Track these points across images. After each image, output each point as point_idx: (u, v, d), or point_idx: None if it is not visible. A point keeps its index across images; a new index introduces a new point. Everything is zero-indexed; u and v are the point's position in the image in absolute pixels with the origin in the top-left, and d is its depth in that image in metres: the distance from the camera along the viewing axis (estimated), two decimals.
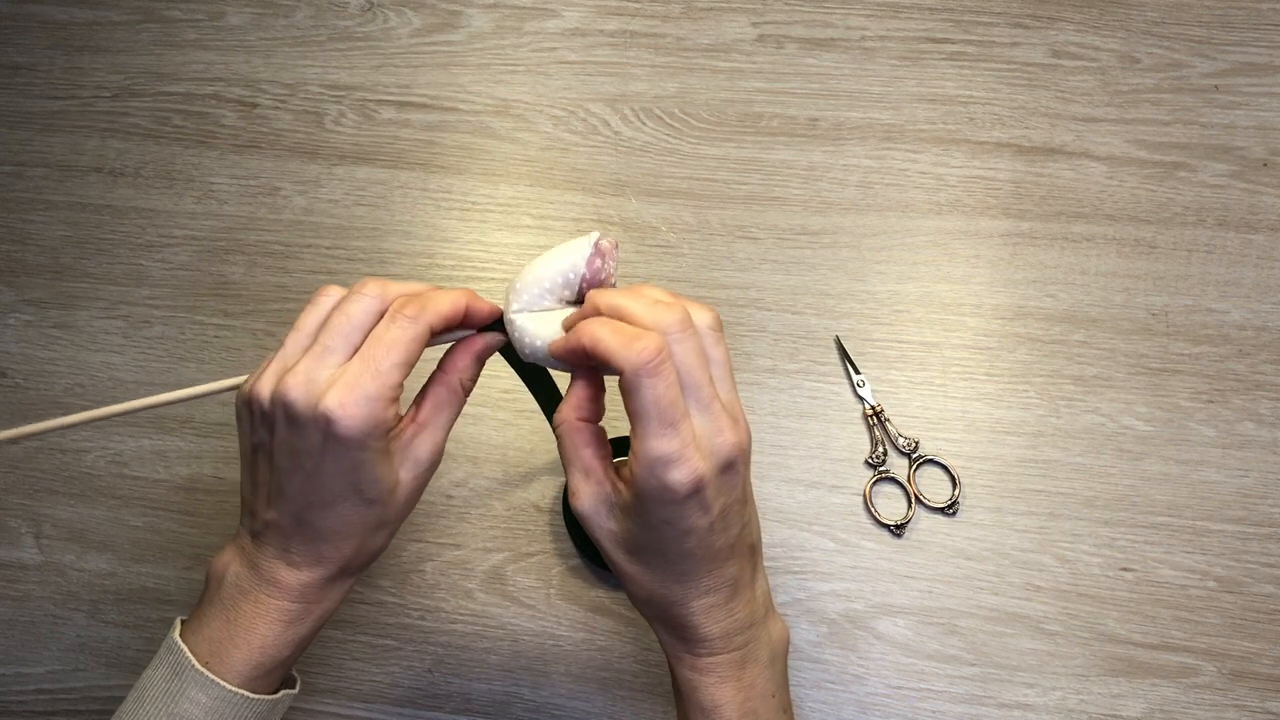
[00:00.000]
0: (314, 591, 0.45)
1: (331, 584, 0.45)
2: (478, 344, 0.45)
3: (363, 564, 0.46)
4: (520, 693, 0.61)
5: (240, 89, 0.76)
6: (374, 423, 0.40)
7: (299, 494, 0.42)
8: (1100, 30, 0.74)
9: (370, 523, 0.44)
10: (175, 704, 0.43)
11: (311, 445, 0.41)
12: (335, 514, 0.43)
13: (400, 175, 0.72)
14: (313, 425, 0.40)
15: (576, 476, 0.43)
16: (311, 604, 0.45)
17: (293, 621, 0.44)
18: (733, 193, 0.71)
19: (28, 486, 0.66)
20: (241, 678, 0.44)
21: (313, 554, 0.44)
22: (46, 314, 0.70)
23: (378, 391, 0.40)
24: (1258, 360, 0.65)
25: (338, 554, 0.44)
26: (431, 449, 0.45)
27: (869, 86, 0.73)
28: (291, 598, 0.44)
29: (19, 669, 0.63)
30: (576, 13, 0.76)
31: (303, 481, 0.42)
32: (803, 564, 0.62)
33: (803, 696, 0.60)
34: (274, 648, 0.44)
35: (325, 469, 0.41)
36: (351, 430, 0.40)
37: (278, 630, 0.44)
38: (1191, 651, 0.60)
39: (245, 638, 0.44)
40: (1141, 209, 0.69)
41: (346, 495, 0.42)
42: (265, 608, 0.44)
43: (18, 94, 0.77)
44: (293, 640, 0.45)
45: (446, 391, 0.45)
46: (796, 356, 0.66)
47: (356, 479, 0.42)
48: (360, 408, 0.40)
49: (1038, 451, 0.64)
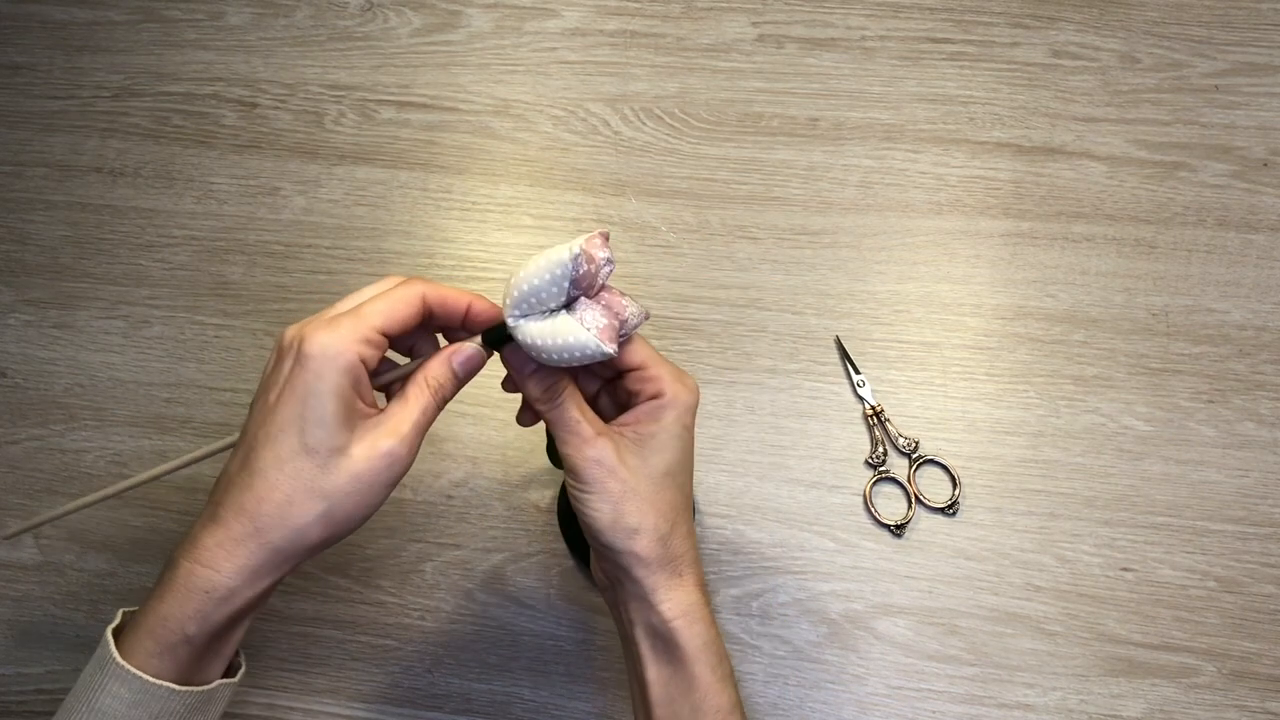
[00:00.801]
0: (225, 555, 0.41)
1: (244, 551, 0.41)
2: (453, 351, 0.45)
3: (285, 543, 0.42)
4: (520, 693, 0.61)
5: (240, 89, 0.76)
6: (338, 347, 0.41)
7: (253, 432, 0.42)
8: (1100, 30, 0.74)
9: (302, 478, 0.41)
10: (97, 699, 0.41)
11: (281, 373, 0.42)
12: (271, 451, 0.41)
13: (400, 175, 0.72)
14: (288, 351, 0.42)
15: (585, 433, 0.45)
16: (218, 573, 0.41)
17: (195, 591, 0.41)
18: (733, 193, 0.71)
19: (28, 486, 0.66)
20: (147, 656, 0.41)
21: (235, 503, 0.41)
22: (46, 314, 0.70)
23: (352, 327, 0.41)
24: (1258, 360, 0.65)
25: (258, 506, 0.41)
26: (393, 439, 0.42)
27: (869, 86, 0.73)
28: (200, 559, 0.41)
29: (19, 669, 0.63)
30: (576, 13, 0.76)
31: (261, 416, 0.42)
32: (803, 564, 0.62)
33: (803, 696, 0.60)
34: (175, 620, 0.41)
35: (283, 397, 0.41)
36: (314, 350, 0.41)
37: (180, 599, 0.41)
38: (1191, 651, 0.60)
39: (153, 609, 0.42)
40: (1141, 209, 0.69)
41: (289, 430, 0.41)
42: (176, 573, 0.42)
43: (18, 94, 0.77)
44: (196, 615, 0.41)
45: (414, 387, 0.44)
46: (796, 356, 0.66)
47: (304, 411, 0.41)
48: (331, 333, 0.41)
49: (1038, 451, 0.64)
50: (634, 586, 0.46)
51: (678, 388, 0.47)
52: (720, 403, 0.65)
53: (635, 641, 0.47)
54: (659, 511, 0.45)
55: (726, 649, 0.48)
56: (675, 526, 0.46)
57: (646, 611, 0.46)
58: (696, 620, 0.46)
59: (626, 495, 0.45)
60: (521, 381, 0.45)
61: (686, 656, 0.45)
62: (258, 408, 0.43)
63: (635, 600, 0.46)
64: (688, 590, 0.46)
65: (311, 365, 0.41)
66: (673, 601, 0.45)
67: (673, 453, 0.46)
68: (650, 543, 0.45)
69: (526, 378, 0.45)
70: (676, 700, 0.46)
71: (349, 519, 0.42)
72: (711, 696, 0.46)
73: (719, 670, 0.46)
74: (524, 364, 0.45)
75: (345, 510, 0.42)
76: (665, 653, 0.46)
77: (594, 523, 0.45)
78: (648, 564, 0.45)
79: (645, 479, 0.45)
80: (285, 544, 0.42)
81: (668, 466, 0.46)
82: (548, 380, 0.45)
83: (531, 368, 0.45)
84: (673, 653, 0.46)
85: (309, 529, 0.42)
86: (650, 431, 0.46)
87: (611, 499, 0.45)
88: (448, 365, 0.45)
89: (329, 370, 0.41)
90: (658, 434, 0.46)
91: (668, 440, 0.46)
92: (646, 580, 0.45)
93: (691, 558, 0.47)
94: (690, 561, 0.47)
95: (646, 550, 0.45)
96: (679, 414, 0.46)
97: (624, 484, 0.45)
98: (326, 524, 0.42)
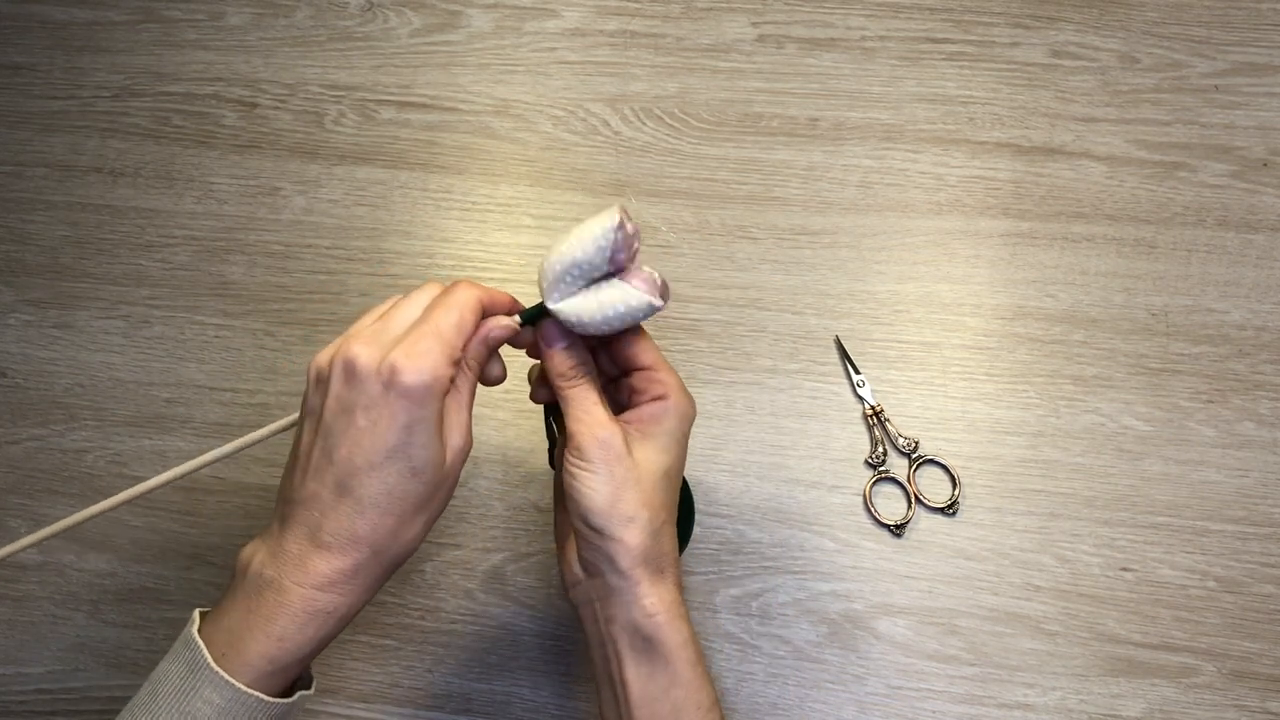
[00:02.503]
0: (342, 581, 0.43)
1: (361, 574, 0.43)
2: (485, 329, 0.46)
3: (396, 558, 0.44)
4: (520, 693, 0.61)
5: (240, 89, 0.76)
6: (436, 376, 0.42)
7: (347, 457, 0.42)
8: (1100, 30, 0.74)
9: (413, 499, 0.43)
10: (188, 702, 0.42)
11: (371, 398, 0.42)
12: (380, 479, 0.42)
13: (400, 175, 0.72)
14: (374, 377, 0.42)
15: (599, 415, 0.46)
16: (337, 596, 0.43)
17: (315, 614, 0.42)
18: (733, 193, 0.71)
19: (28, 486, 0.66)
20: (256, 673, 0.42)
21: (346, 531, 0.42)
22: (46, 314, 0.70)
23: (439, 347, 0.42)
24: (1258, 360, 0.65)
25: (373, 533, 0.42)
26: (461, 432, 0.45)
27: (869, 86, 0.73)
28: (318, 585, 0.42)
29: (19, 669, 0.63)
30: (576, 13, 0.76)
31: (353, 442, 0.42)
32: (803, 564, 0.62)
33: (803, 696, 0.60)
34: (293, 643, 0.42)
35: (381, 424, 0.42)
36: (415, 381, 0.41)
37: (299, 623, 0.42)
38: (1191, 651, 0.60)
39: (264, 629, 0.42)
40: (1141, 209, 0.69)
41: (396, 458, 0.42)
42: (288, 597, 0.42)
43: (18, 94, 0.77)
44: (314, 637, 0.43)
45: (459, 374, 0.45)
46: (796, 356, 0.66)
47: (409, 440, 0.42)
48: (425, 359, 0.42)
49: (1038, 451, 0.64)
50: (616, 579, 0.45)
51: (681, 395, 0.48)
52: (720, 403, 0.65)
53: (612, 640, 0.46)
54: (653, 507, 0.46)
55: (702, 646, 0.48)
56: (664, 525, 0.47)
57: (628, 608, 0.45)
58: (677, 617, 0.46)
59: (628, 483, 0.45)
60: (549, 356, 0.46)
61: (669, 653, 0.45)
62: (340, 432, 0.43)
63: (615, 596, 0.46)
64: (669, 588, 0.46)
65: (414, 395, 0.42)
66: (655, 597, 0.45)
67: (672, 456, 0.47)
68: (642, 534, 0.45)
69: (556, 352, 0.46)
70: (657, 699, 0.45)
71: (440, 515, 0.46)
72: (693, 693, 0.46)
73: (699, 667, 0.46)
74: (555, 338, 0.46)
75: (439, 509, 0.45)
76: (646, 650, 0.46)
77: (588, 502, 0.45)
78: (635, 555, 0.45)
79: (648, 473, 0.46)
80: (396, 559, 0.44)
81: (666, 467, 0.47)
82: (575, 358, 0.46)
83: (562, 343, 0.46)
84: (654, 650, 0.45)
85: (417, 539, 0.45)
86: (653, 431, 0.47)
87: (614, 482, 0.45)
88: (484, 343, 0.46)
89: (430, 399, 0.42)
90: (661, 435, 0.47)
91: (670, 443, 0.47)
92: (632, 573, 0.45)
93: (673, 558, 0.47)
94: (672, 561, 0.47)
95: (637, 541, 0.45)
96: (680, 420, 0.48)
97: (628, 471, 0.45)
98: (428, 527, 0.45)
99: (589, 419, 0.46)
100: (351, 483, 0.42)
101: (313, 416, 0.44)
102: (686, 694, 0.45)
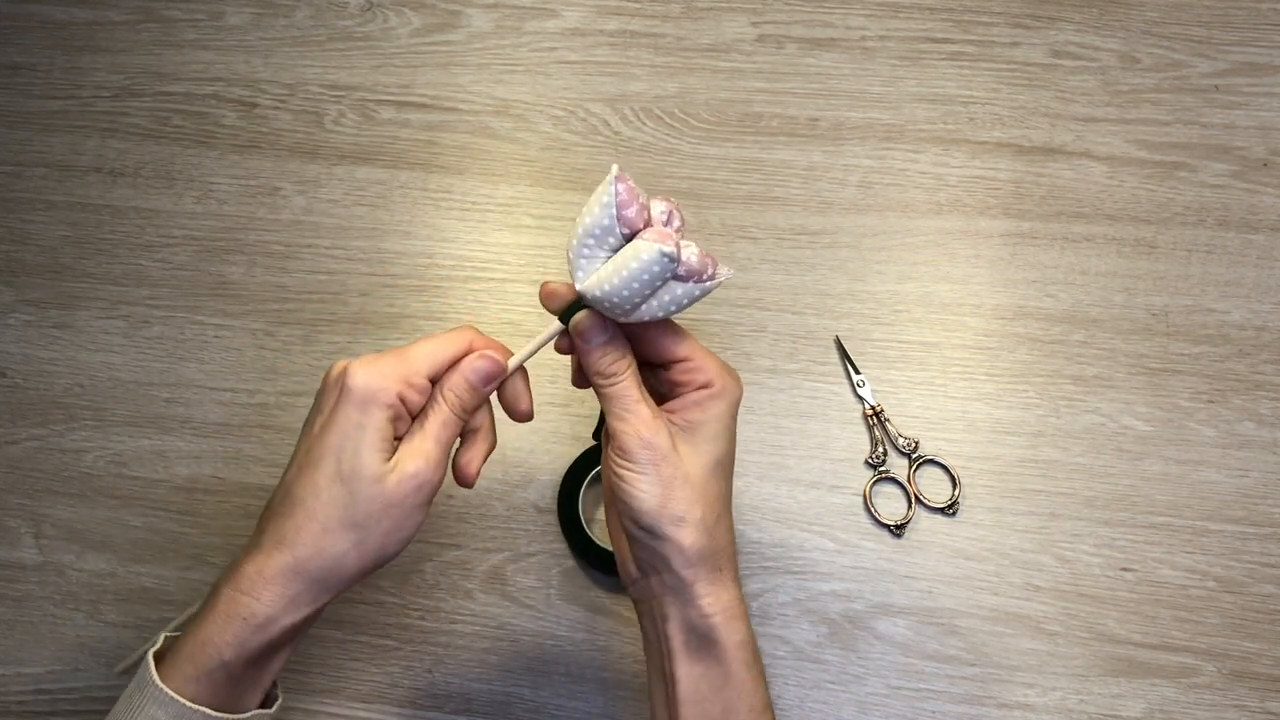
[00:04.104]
0: (264, 583, 0.42)
1: (282, 580, 0.42)
2: (465, 363, 0.45)
3: (322, 572, 0.43)
4: (520, 693, 0.61)
5: (240, 89, 0.76)
6: (379, 385, 0.42)
7: (298, 460, 0.43)
8: (1100, 30, 0.74)
9: (335, 506, 0.42)
10: (134, 718, 0.42)
11: (327, 405, 0.43)
12: (309, 480, 0.42)
13: (400, 175, 0.72)
14: (334, 385, 0.43)
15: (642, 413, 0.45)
16: (257, 600, 0.42)
17: (234, 618, 0.42)
18: (733, 193, 0.71)
19: (28, 486, 0.66)
20: (183, 678, 0.42)
21: (276, 532, 0.43)
22: (46, 314, 0.70)
23: (395, 367, 0.43)
24: (1258, 360, 0.65)
25: (295, 536, 0.42)
26: (419, 460, 0.43)
27: (869, 86, 0.73)
28: (240, 587, 0.42)
29: (19, 669, 0.63)
30: (576, 13, 0.76)
31: (305, 445, 0.43)
32: (803, 564, 0.62)
33: (803, 696, 0.60)
34: (213, 645, 0.42)
35: (326, 427, 0.43)
36: (355, 383, 0.42)
37: (219, 625, 0.42)
38: (1191, 651, 0.60)
39: (193, 633, 0.43)
40: (1141, 209, 0.69)
41: (326, 459, 0.42)
42: (217, 599, 0.43)
43: (18, 94, 0.77)
44: (233, 641, 0.42)
45: (432, 405, 0.45)
46: (796, 356, 0.66)
47: (342, 443, 0.42)
48: (373, 369, 0.43)
49: (1038, 451, 0.64)
50: (672, 579, 0.45)
51: (726, 379, 0.46)
52: None
53: (667, 637, 0.46)
54: (706, 502, 0.45)
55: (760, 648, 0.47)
56: (720, 519, 0.46)
57: (684, 607, 0.45)
58: (735, 617, 0.45)
59: (676, 482, 0.44)
60: (586, 356, 0.45)
61: (724, 654, 0.45)
62: (302, 437, 0.45)
63: (671, 594, 0.45)
64: (727, 586, 0.46)
65: (353, 399, 0.42)
66: (713, 597, 0.45)
67: (722, 443, 0.46)
68: (696, 533, 0.44)
69: (592, 350, 0.45)
70: (708, 698, 0.45)
71: (383, 547, 0.43)
72: (746, 695, 0.45)
73: (754, 669, 0.46)
74: (592, 334, 0.45)
75: (378, 537, 0.43)
76: (701, 649, 0.45)
77: (639, 504, 0.44)
78: (689, 556, 0.44)
79: (696, 468, 0.45)
80: (322, 574, 0.43)
81: (717, 457, 0.46)
82: (614, 354, 0.45)
83: (601, 338, 0.45)
84: (709, 650, 0.45)
85: (344, 557, 0.43)
86: (699, 420, 0.45)
87: (661, 482, 0.44)
88: (463, 377, 0.45)
89: (371, 405, 0.42)
90: (708, 423, 0.45)
91: (718, 430, 0.46)
92: (686, 573, 0.44)
93: (730, 552, 0.46)
94: (729, 556, 0.46)
95: (691, 540, 0.44)
96: (728, 405, 0.46)
97: (675, 469, 0.44)
98: (361, 552, 0.43)
99: (632, 418, 0.45)
100: (292, 484, 0.43)
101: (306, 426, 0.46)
102: (739, 695, 0.45)
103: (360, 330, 0.68)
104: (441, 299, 0.69)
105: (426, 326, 0.68)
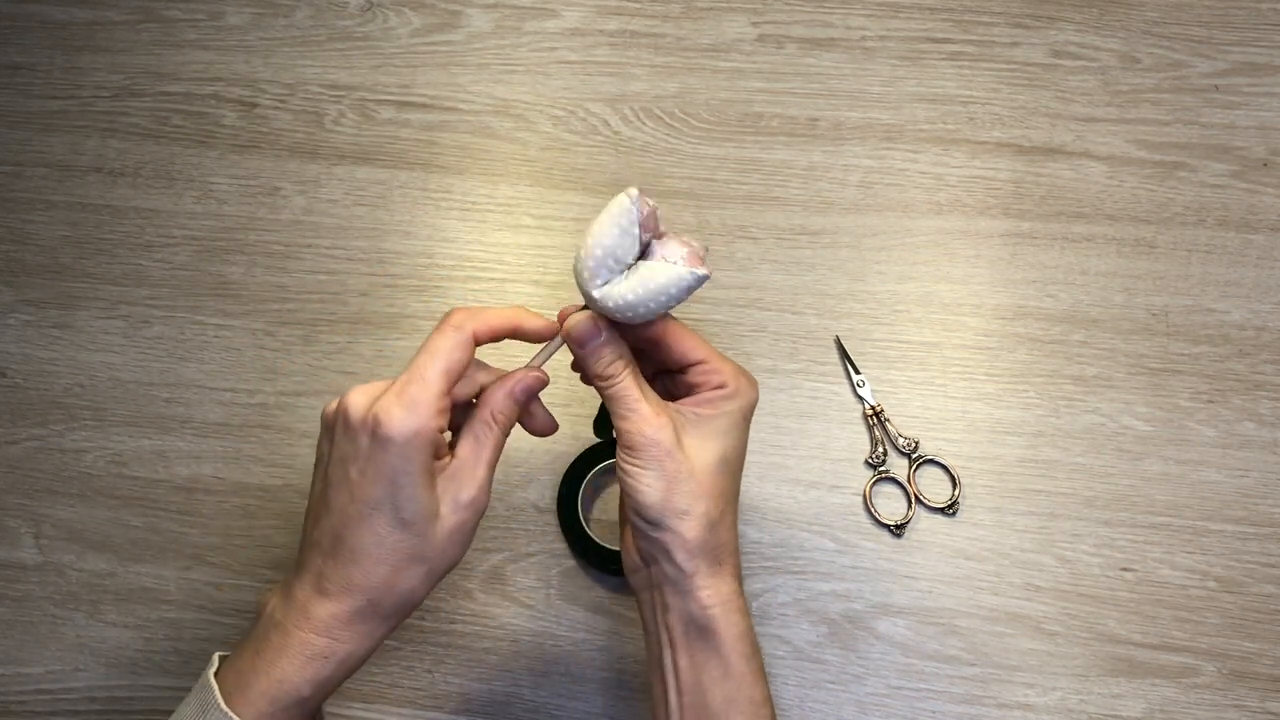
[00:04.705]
0: (340, 626, 0.44)
1: (358, 621, 0.44)
2: (511, 382, 0.46)
3: (395, 607, 0.44)
4: (520, 693, 0.61)
5: (240, 89, 0.76)
6: (417, 426, 0.42)
7: (341, 507, 0.43)
8: (1100, 30, 0.74)
9: (403, 551, 0.43)
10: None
11: (360, 450, 0.43)
12: (368, 530, 0.43)
13: (400, 175, 0.72)
14: (362, 429, 0.42)
15: (644, 411, 0.45)
16: (336, 641, 0.44)
17: (314, 658, 0.43)
18: (733, 193, 0.71)
19: (28, 486, 0.66)
20: (257, 713, 0.43)
21: (342, 579, 0.43)
22: (46, 314, 0.70)
23: (421, 397, 0.42)
24: (1258, 360, 0.65)
25: (365, 581, 0.43)
26: (474, 488, 0.44)
27: (869, 86, 0.73)
28: (316, 630, 0.43)
29: (19, 669, 0.63)
30: (576, 13, 0.76)
31: (346, 493, 0.43)
32: (803, 564, 0.62)
33: (803, 696, 0.60)
34: (291, 684, 0.43)
35: (368, 475, 0.42)
36: (394, 431, 0.41)
37: (298, 665, 0.43)
38: (1191, 651, 0.60)
39: (266, 670, 0.43)
40: (1141, 209, 0.69)
41: (382, 508, 0.42)
42: (290, 639, 0.43)
43: (18, 94, 0.77)
44: (313, 679, 0.43)
45: (482, 426, 0.45)
46: (796, 356, 0.66)
47: (395, 491, 0.42)
48: (404, 409, 0.42)
49: (1038, 451, 0.64)
50: (673, 571, 0.45)
51: (742, 381, 0.47)
52: None
53: (668, 628, 0.46)
54: (710, 497, 0.45)
55: (759, 643, 0.48)
56: (724, 514, 0.46)
57: (684, 599, 0.45)
58: (734, 610, 0.46)
59: (680, 477, 0.45)
60: (583, 359, 0.46)
61: (723, 646, 0.45)
62: (338, 482, 0.44)
63: (671, 586, 0.46)
64: (726, 579, 0.46)
65: (394, 449, 0.42)
66: (712, 589, 0.45)
67: (730, 440, 0.47)
68: (698, 527, 0.45)
69: (590, 353, 0.45)
70: (707, 689, 0.45)
71: (448, 568, 0.46)
72: (745, 688, 0.45)
73: (753, 662, 0.46)
74: (586, 338, 0.45)
75: (445, 563, 0.45)
76: (700, 641, 0.45)
77: (642, 499, 0.45)
78: (690, 549, 0.45)
79: (701, 463, 0.45)
80: (395, 608, 0.45)
81: (724, 453, 0.46)
82: (611, 355, 0.45)
83: (596, 342, 0.45)
84: (709, 641, 0.45)
85: (416, 590, 0.45)
86: (709, 415, 0.46)
87: (665, 477, 0.44)
88: (511, 397, 0.46)
89: (413, 451, 0.42)
90: (718, 419, 0.46)
91: (727, 426, 0.46)
92: (687, 565, 0.45)
93: (733, 548, 0.47)
94: (731, 551, 0.47)
95: (693, 534, 0.45)
96: (741, 406, 0.47)
97: (680, 465, 0.45)
98: (429, 579, 0.45)
99: (635, 417, 0.45)
100: (345, 532, 0.43)
101: (321, 465, 0.45)
102: (738, 687, 0.45)
103: (360, 330, 0.69)
104: (441, 299, 0.69)
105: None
